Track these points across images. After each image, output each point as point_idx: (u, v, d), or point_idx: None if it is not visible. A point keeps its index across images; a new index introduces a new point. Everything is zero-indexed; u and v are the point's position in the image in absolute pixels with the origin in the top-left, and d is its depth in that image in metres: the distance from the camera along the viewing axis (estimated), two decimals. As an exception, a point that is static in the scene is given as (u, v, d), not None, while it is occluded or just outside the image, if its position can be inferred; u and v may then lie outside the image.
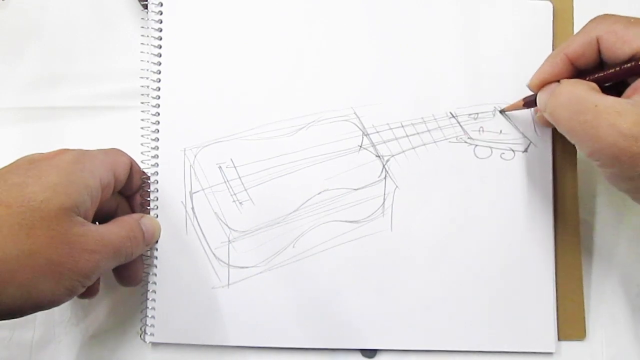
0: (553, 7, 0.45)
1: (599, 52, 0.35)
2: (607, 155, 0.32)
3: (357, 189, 0.43)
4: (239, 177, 0.42)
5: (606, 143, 0.31)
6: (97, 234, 0.34)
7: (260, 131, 0.43)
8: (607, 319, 0.44)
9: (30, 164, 0.34)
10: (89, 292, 0.39)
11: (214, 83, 0.43)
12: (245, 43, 0.43)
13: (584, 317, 0.44)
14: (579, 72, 0.37)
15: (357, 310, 0.42)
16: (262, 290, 0.42)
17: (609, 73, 0.35)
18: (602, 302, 0.44)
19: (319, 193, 0.42)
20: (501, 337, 0.42)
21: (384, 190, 0.43)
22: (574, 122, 0.33)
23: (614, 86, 0.36)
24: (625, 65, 0.34)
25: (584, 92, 0.33)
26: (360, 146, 0.43)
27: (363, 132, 0.43)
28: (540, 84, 0.38)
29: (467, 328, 0.42)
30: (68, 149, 0.36)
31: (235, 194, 0.42)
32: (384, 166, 0.43)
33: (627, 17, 0.35)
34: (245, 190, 0.42)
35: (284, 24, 0.43)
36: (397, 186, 0.43)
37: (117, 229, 0.37)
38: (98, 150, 0.38)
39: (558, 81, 0.37)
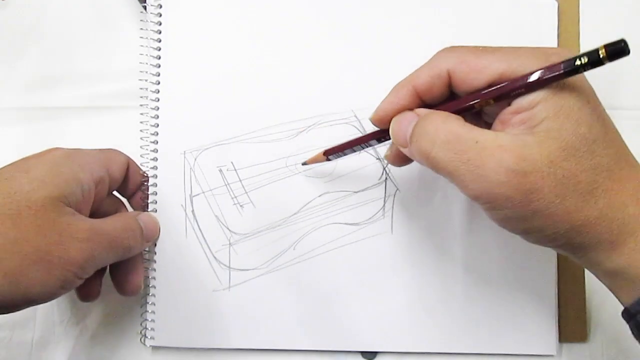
0: (558, 6, 0.44)
1: (449, 85, 0.32)
2: (498, 196, 0.29)
3: (358, 192, 0.43)
4: (240, 180, 0.42)
5: (495, 182, 0.28)
6: (89, 224, 0.34)
7: (261, 134, 0.42)
8: (609, 321, 0.44)
9: (22, 162, 0.34)
10: (90, 294, 0.38)
11: (214, 85, 0.43)
12: (246, 45, 0.43)
13: (586, 320, 0.43)
14: (424, 106, 0.33)
15: (357, 312, 0.42)
16: (263, 293, 0.42)
17: (469, 102, 0.31)
18: (604, 304, 0.44)
19: (319, 195, 0.42)
20: (502, 340, 0.42)
21: (385, 192, 0.43)
22: (456, 163, 0.29)
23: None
24: (489, 90, 0.30)
25: (459, 127, 0.30)
26: (361, 149, 0.43)
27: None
28: (386, 118, 0.34)
29: (468, 330, 0.42)
30: (61, 147, 0.36)
31: (236, 197, 0.42)
32: (384, 169, 0.43)
33: (475, 46, 0.32)
34: (246, 193, 0.42)
35: (284, 26, 0.43)
36: (397, 189, 0.43)
37: (112, 221, 0.37)
38: (93, 149, 0.38)
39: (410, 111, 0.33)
